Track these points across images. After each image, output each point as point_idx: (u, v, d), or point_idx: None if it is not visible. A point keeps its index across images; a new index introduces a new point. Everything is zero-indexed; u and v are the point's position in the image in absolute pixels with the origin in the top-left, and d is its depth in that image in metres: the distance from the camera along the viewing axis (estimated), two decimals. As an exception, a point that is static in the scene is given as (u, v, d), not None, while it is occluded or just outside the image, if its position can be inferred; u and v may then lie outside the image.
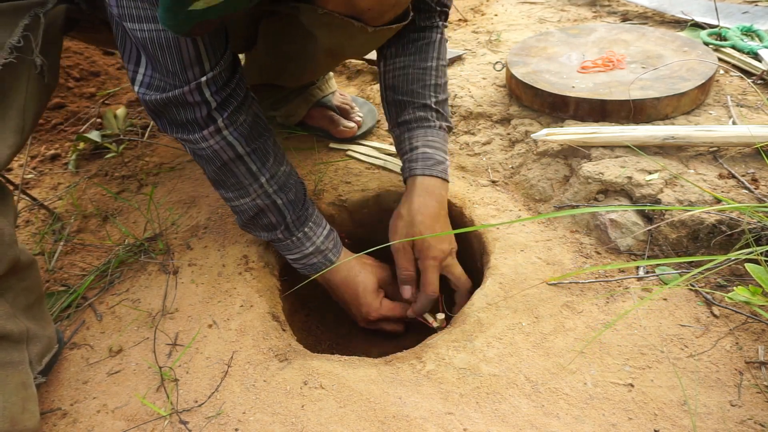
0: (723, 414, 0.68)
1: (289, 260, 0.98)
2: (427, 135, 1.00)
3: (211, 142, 0.84)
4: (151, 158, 1.34)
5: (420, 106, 1.01)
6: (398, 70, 1.02)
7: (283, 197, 0.92)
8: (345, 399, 0.75)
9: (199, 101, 0.80)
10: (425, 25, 1.03)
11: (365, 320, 0.99)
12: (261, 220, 0.93)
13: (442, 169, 0.99)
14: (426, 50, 1.02)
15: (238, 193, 0.90)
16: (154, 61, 0.76)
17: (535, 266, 0.92)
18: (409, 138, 1.01)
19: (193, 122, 0.82)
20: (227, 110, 0.83)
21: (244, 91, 0.86)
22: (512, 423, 0.70)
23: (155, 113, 0.83)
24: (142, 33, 0.73)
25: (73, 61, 1.59)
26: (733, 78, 1.25)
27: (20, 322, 0.73)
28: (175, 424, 0.74)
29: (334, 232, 0.99)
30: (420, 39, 1.02)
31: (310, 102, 1.30)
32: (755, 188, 0.91)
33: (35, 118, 0.81)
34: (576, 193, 1.01)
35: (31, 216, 1.20)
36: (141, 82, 0.79)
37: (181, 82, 0.77)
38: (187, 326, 0.89)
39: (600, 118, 1.11)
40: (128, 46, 0.78)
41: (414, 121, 1.01)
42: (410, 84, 1.01)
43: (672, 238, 0.90)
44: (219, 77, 0.80)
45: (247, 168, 0.88)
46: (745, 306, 0.80)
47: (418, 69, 1.01)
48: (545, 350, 0.79)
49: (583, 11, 1.81)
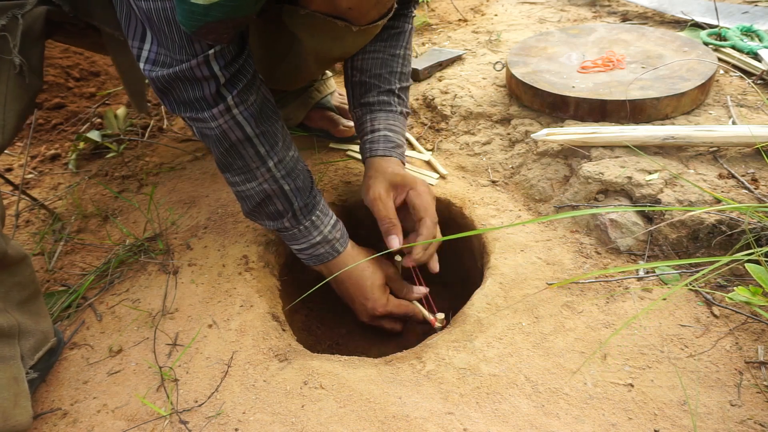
0: (723, 414, 0.68)
1: (295, 250, 0.96)
2: (388, 119, 1.04)
3: (220, 122, 0.82)
4: (151, 158, 1.34)
5: (385, 90, 1.05)
6: (368, 53, 1.04)
7: (291, 183, 0.89)
8: (345, 399, 0.75)
9: (208, 75, 0.77)
10: (399, 13, 1.04)
11: (370, 316, 0.98)
12: (267, 207, 0.91)
13: (400, 152, 1.03)
14: (397, 39, 1.06)
15: (245, 176, 0.88)
16: (160, 35, 0.74)
17: (535, 266, 0.92)
18: (371, 120, 1.04)
19: (202, 99, 0.80)
20: (237, 87, 0.80)
21: (253, 69, 0.84)
22: (512, 423, 0.70)
23: (162, 91, 0.80)
24: (147, 4, 0.71)
25: (73, 61, 1.59)
26: (733, 78, 1.25)
27: (10, 316, 0.73)
28: (175, 424, 0.74)
29: (340, 223, 0.97)
30: (393, 27, 1.05)
31: (309, 104, 1.30)
32: (755, 188, 0.91)
33: (18, 118, 0.81)
34: (576, 193, 1.01)
35: (31, 216, 1.20)
36: (147, 59, 0.77)
37: (188, 55, 0.75)
38: (187, 326, 0.89)
39: (600, 118, 1.11)
40: (132, 23, 0.76)
41: (377, 104, 1.05)
42: (378, 68, 1.04)
43: (672, 239, 0.90)
44: (227, 51, 0.77)
45: (256, 150, 0.86)
46: (745, 306, 0.80)
47: (388, 56, 1.05)
48: (545, 350, 0.79)
49: (583, 11, 1.81)
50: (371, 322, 1.00)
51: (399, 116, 1.06)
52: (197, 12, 0.63)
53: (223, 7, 0.63)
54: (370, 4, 0.78)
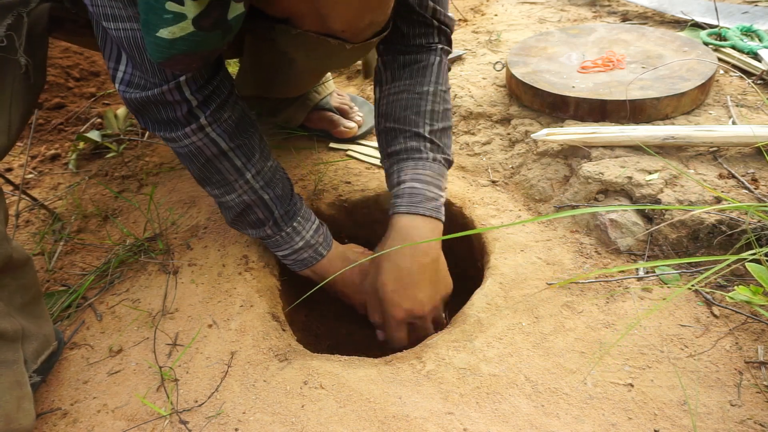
0: (723, 414, 0.68)
1: (280, 257, 0.97)
2: (417, 167, 0.91)
3: (193, 139, 0.82)
4: (151, 158, 1.34)
5: (412, 135, 0.93)
6: (392, 96, 0.95)
7: (270, 192, 0.90)
8: (345, 399, 0.75)
9: (179, 100, 0.78)
10: (421, 44, 0.96)
11: (366, 307, 0.98)
12: (248, 217, 0.92)
13: (432, 206, 0.89)
14: (423, 74, 0.95)
15: (224, 189, 0.89)
16: (133, 60, 0.76)
17: (535, 266, 0.92)
18: (397, 171, 0.92)
19: (175, 120, 0.81)
20: (210, 107, 0.81)
21: (228, 89, 0.85)
22: (512, 423, 0.70)
23: (137, 111, 0.82)
24: (118, 32, 0.72)
25: (73, 61, 1.59)
26: (732, 78, 1.25)
27: (15, 320, 0.73)
28: (175, 423, 0.74)
29: (324, 227, 0.98)
30: (416, 62, 0.95)
31: (308, 107, 1.30)
32: (755, 188, 0.91)
33: (23, 118, 0.81)
34: (576, 193, 1.01)
35: (31, 216, 1.20)
36: (122, 80, 0.78)
37: (160, 80, 0.76)
38: (187, 326, 0.89)
39: (600, 118, 1.11)
40: (108, 44, 0.77)
41: (404, 152, 0.92)
42: (403, 110, 0.93)
43: (672, 238, 0.90)
44: (199, 76, 0.78)
45: (232, 164, 0.86)
46: (745, 306, 0.80)
47: (414, 94, 0.94)
48: (545, 350, 0.79)
49: (583, 11, 1.81)
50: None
51: (432, 163, 0.91)
52: (162, 45, 0.63)
53: (187, 41, 0.63)
54: (364, 24, 0.74)
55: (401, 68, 0.96)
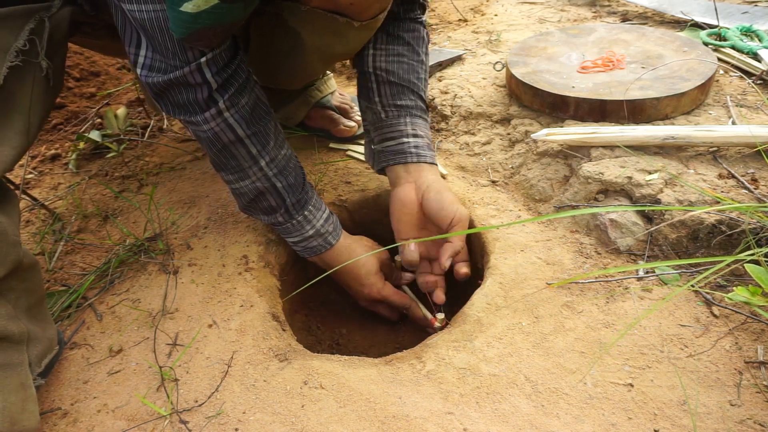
0: (723, 414, 0.68)
1: (290, 242, 0.99)
2: (425, 127, 1.03)
3: (212, 125, 0.84)
4: (151, 158, 1.34)
5: (418, 96, 1.03)
6: (393, 56, 1.02)
7: (282, 180, 0.92)
8: (345, 399, 0.75)
9: (200, 82, 0.80)
10: (410, 17, 1.03)
11: (367, 299, 1.01)
12: (261, 203, 0.94)
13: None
14: (417, 44, 1.04)
15: (238, 175, 0.91)
16: (154, 42, 0.76)
17: (535, 266, 0.92)
18: (411, 123, 1.02)
19: (194, 103, 0.82)
20: (228, 92, 0.83)
21: (246, 73, 0.86)
22: (512, 423, 0.70)
23: (157, 95, 0.83)
24: (140, 14, 0.73)
25: (73, 61, 1.60)
26: (732, 78, 1.25)
27: (21, 323, 0.73)
28: (175, 423, 0.74)
29: (334, 216, 1.00)
30: (411, 31, 1.04)
31: (309, 103, 1.30)
32: (755, 188, 0.92)
33: (41, 120, 0.81)
34: (576, 193, 1.01)
35: (31, 216, 1.20)
36: (143, 65, 0.80)
37: (181, 62, 0.77)
38: (187, 326, 0.89)
39: (600, 118, 1.12)
40: (128, 30, 0.78)
41: (415, 108, 1.03)
42: (407, 73, 1.02)
43: (672, 239, 0.90)
44: (219, 57, 0.80)
45: (248, 151, 0.88)
46: (745, 306, 0.80)
47: (413, 61, 1.03)
48: (545, 350, 0.79)
49: (583, 11, 1.81)
50: (369, 306, 1.04)
51: (428, 124, 1.06)
52: (186, 20, 0.64)
53: (211, 14, 0.64)
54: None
55: (398, 34, 1.03)
